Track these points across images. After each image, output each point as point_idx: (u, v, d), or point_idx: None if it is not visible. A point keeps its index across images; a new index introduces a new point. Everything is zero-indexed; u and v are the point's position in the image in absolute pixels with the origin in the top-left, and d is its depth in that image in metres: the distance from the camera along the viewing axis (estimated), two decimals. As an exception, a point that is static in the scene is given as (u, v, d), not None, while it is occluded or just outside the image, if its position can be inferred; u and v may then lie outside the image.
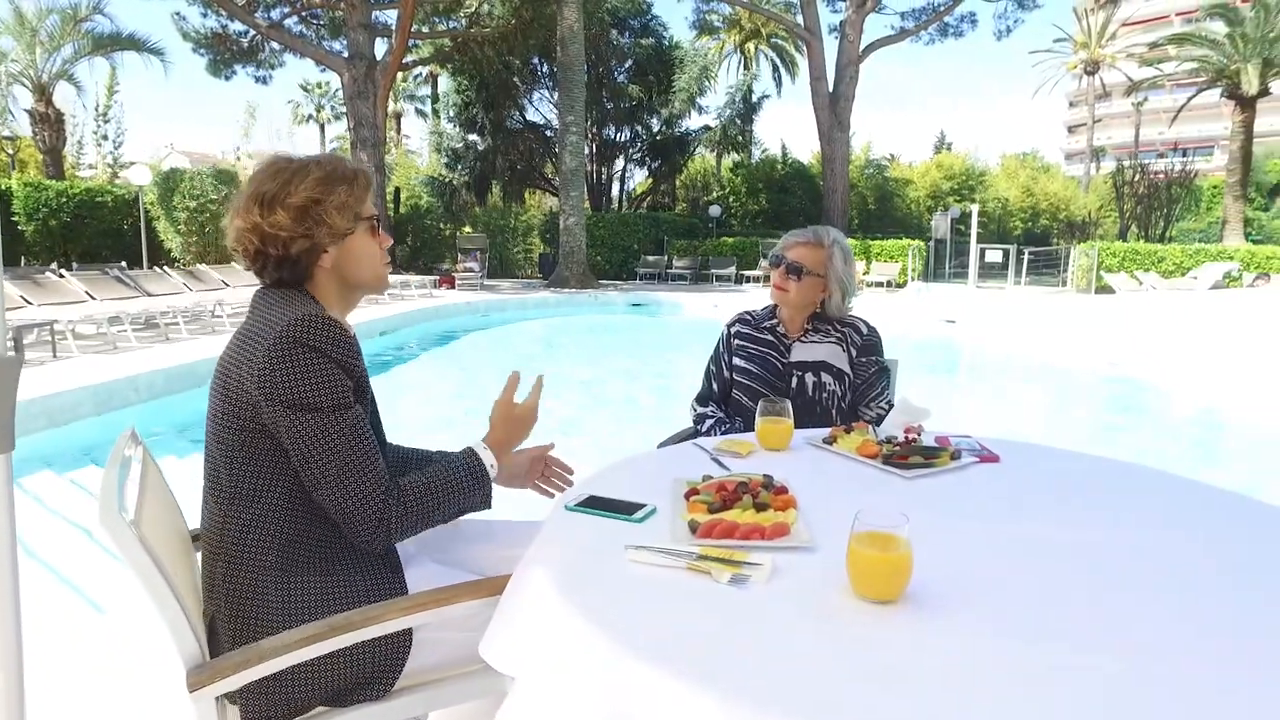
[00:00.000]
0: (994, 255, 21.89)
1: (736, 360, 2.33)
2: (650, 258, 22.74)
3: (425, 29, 21.99)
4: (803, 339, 2.29)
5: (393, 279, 13.70)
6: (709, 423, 2.28)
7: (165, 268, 12.33)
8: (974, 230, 20.77)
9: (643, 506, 1.34)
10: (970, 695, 0.82)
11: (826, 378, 2.22)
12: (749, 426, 1.99)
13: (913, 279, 20.83)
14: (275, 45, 21.33)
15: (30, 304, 8.59)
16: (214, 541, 1.31)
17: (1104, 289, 19.32)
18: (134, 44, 21.39)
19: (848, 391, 2.24)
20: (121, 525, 1.04)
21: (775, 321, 2.35)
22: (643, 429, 6.09)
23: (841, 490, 1.52)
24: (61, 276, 9.95)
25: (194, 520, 1.63)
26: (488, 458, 1.44)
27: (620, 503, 1.36)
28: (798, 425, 1.80)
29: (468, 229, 23.53)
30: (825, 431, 1.81)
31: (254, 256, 1.35)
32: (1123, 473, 1.64)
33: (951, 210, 24.78)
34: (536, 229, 24.50)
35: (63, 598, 2.90)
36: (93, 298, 9.42)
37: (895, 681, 0.84)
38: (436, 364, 10.20)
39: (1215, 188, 30.00)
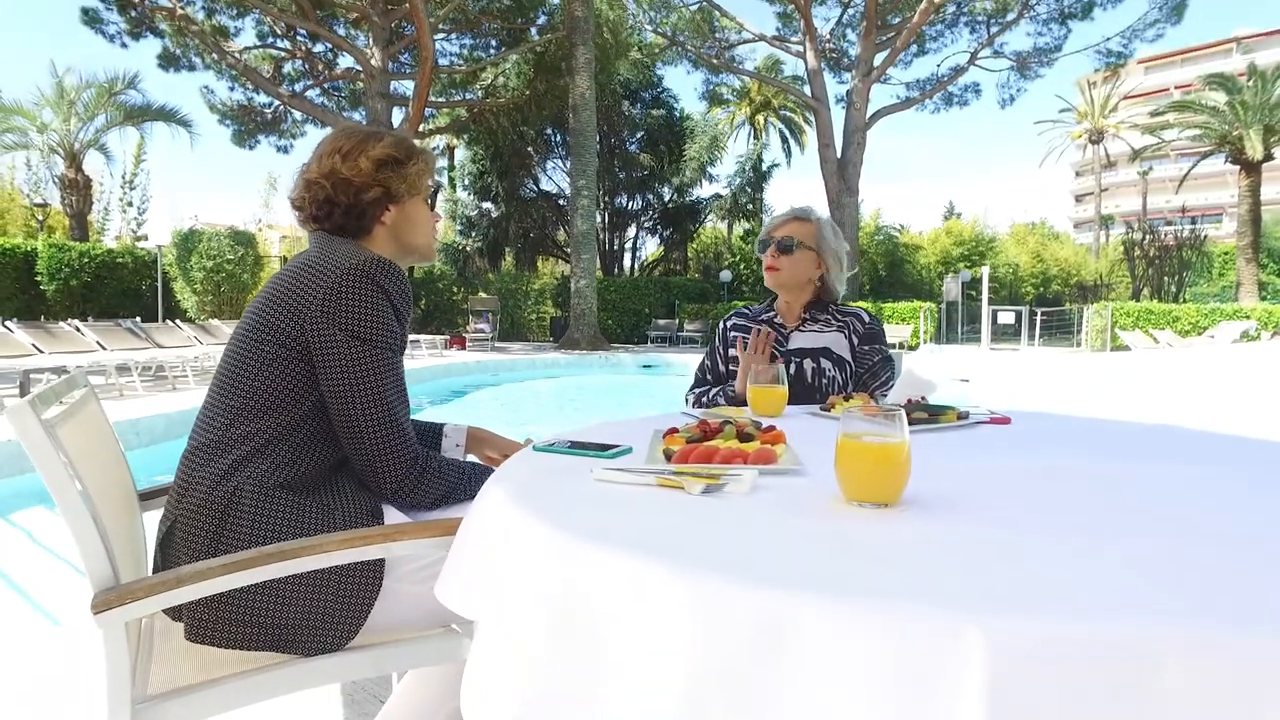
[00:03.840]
0: (1006, 317, 21.80)
1: (732, 351, 2.22)
2: (661, 321, 22.79)
3: (442, 99, 22.72)
4: (801, 328, 2.19)
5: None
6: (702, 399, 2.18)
7: (178, 321, 12.43)
8: (985, 292, 20.76)
9: (616, 446, 1.22)
10: (977, 571, 0.69)
11: (826, 364, 2.10)
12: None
13: (925, 341, 20.72)
14: (297, 115, 22.07)
15: (41, 351, 8.64)
16: (208, 451, 1.26)
17: (1119, 347, 19.11)
18: (164, 115, 22.18)
19: (849, 380, 2.12)
20: (31, 421, 0.94)
21: (773, 314, 2.25)
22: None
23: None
24: (77, 329, 10.04)
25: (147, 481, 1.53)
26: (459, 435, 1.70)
27: (592, 444, 1.24)
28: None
29: (481, 294, 23.76)
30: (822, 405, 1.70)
31: (320, 204, 1.41)
32: (1155, 431, 1.51)
33: (962, 274, 24.84)
34: (549, 294, 24.71)
35: (31, 620, 2.77)
36: (104, 348, 9.46)
37: (892, 561, 0.72)
38: (444, 418, 10.11)
39: (1226, 254, 29.91)
